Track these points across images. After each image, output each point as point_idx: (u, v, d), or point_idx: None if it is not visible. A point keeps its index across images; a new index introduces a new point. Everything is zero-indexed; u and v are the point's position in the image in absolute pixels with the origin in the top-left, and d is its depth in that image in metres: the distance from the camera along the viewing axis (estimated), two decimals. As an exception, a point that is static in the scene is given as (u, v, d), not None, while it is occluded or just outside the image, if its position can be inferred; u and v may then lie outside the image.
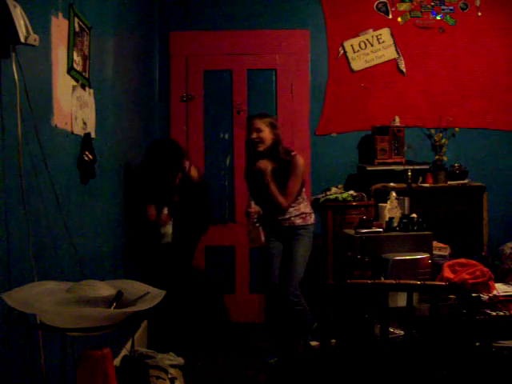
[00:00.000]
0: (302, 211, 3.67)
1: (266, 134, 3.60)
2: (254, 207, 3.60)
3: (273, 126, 3.63)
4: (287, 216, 3.65)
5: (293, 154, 3.64)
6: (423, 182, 4.46)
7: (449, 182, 4.48)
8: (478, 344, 2.32)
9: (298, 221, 3.66)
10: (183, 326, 3.91)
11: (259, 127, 3.60)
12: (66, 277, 2.34)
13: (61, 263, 2.37)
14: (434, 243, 3.17)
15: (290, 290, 3.58)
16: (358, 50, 4.77)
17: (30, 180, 2.10)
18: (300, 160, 3.63)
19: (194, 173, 3.90)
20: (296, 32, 4.77)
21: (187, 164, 3.87)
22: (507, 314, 2.46)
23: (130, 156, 3.71)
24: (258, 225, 3.56)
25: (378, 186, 4.35)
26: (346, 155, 4.74)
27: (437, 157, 4.62)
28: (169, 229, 3.70)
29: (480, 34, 4.78)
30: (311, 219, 3.71)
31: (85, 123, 2.69)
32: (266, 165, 3.60)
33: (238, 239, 4.60)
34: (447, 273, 2.79)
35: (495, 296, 2.64)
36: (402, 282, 2.18)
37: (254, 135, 3.60)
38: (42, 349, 2.08)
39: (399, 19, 4.78)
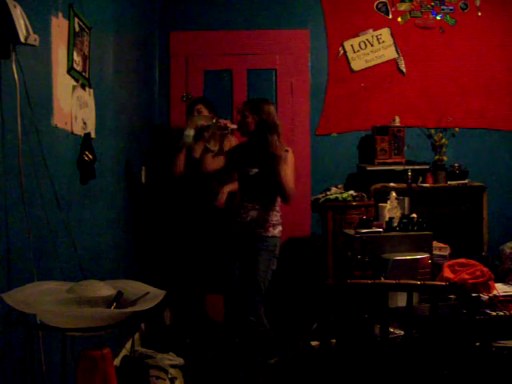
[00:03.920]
0: (268, 219, 3.33)
1: (249, 118, 3.32)
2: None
3: (255, 111, 3.31)
4: (249, 219, 3.33)
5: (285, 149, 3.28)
6: (423, 182, 4.46)
7: (449, 182, 4.48)
8: (478, 344, 2.32)
9: (260, 229, 3.30)
10: (183, 324, 3.91)
11: (241, 108, 3.40)
12: (65, 277, 2.34)
13: (61, 263, 2.37)
14: (434, 243, 3.17)
15: (250, 310, 3.27)
16: (358, 50, 4.77)
17: (30, 180, 2.10)
18: (291, 155, 3.31)
19: None
20: (296, 32, 4.76)
21: None
22: (507, 313, 2.46)
23: (129, 155, 3.70)
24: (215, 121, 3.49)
25: (378, 185, 4.35)
26: (345, 155, 4.73)
27: (437, 157, 4.62)
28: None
29: (480, 34, 4.78)
30: (274, 231, 3.33)
31: (85, 123, 2.69)
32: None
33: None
34: (447, 273, 2.80)
35: (495, 296, 2.64)
36: (401, 282, 2.18)
37: (239, 117, 3.42)
38: (42, 349, 2.08)
39: (399, 19, 4.78)
